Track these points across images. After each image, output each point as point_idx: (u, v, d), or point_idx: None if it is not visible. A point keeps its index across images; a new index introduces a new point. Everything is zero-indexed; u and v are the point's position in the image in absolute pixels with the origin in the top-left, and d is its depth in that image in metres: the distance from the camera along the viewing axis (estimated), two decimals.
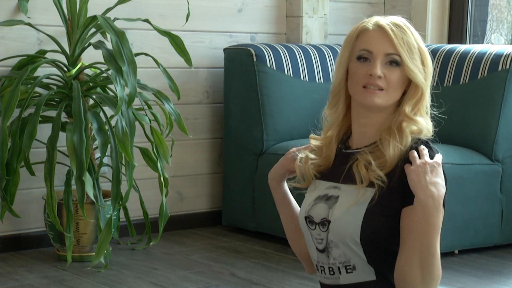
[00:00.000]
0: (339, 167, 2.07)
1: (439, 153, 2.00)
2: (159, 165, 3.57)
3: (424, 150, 1.96)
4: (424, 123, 2.02)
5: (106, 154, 3.51)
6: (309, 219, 2.08)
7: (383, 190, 1.97)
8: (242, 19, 4.38)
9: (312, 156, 2.12)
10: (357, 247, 1.99)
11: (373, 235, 1.97)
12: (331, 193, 2.05)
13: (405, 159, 1.97)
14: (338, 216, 2.00)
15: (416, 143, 1.99)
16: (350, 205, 1.99)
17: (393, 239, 1.99)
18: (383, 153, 1.98)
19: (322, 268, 2.07)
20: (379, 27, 2.00)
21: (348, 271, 2.03)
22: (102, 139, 3.35)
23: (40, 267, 3.52)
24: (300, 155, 2.15)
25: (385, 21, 2.01)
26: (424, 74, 2.01)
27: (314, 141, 2.15)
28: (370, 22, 2.03)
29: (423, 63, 2.01)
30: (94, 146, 3.62)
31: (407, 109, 2.01)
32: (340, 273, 2.04)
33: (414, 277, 1.93)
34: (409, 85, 2.02)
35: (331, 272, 2.05)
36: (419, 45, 2.01)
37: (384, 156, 1.98)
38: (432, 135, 2.05)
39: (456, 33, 4.67)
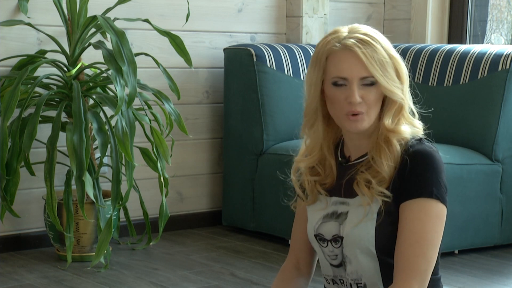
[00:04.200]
0: (342, 180, 2.06)
1: (434, 147, 1.99)
2: (159, 165, 3.57)
3: None
4: (408, 130, 1.99)
5: (106, 154, 3.51)
6: (319, 237, 2.07)
7: (388, 203, 1.97)
8: (242, 19, 4.38)
9: (315, 178, 2.08)
10: (372, 259, 1.99)
11: (387, 242, 1.96)
12: (340, 209, 2.04)
13: (402, 165, 1.96)
14: (350, 230, 2.00)
15: (408, 146, 1.97)
16: (360, 221, 1.98)
17: None
18: (379, 171, 1.97)
19: (342, 281, 2.07)
20: (347, 49, 1.93)
21: None
22: (102, 139, 3.35)
23: (40, 267, 3.52)
24: (301, 179, 2.10)
25: (351, 40, 1.93)
26: (400, 85, 1.97)
27: (302, 164, 2.09)
28: (336, 40, 1.95)
29: (397, 72, 1.96)
30: (94, 146, 3.62)
31: (387, 121, 1.97)
32: None
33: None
34: (386, 96, 1.98)
35: (347, 287, 2.06)
36: (390, 55, 1.95)
37: (381, 173, 1.97)
38: (424, 133, 2.04)
39: (456, 33, 4.67)
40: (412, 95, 2.03)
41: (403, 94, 1.98)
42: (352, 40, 1.93)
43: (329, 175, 2.08)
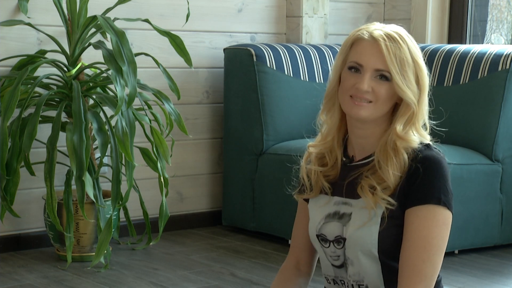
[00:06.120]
0: (344, 181, 2.06)
1: (442, 153, 1.99)
2: (159, 165, 3.57)
3: None
4: (417, 140, 1.98)
5: (106, 154, 3.51)
6: (321, 237, 2.06)
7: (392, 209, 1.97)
8: (242, 19, 4.38)
9: (320, 168, 2.08)
10: (375, 262, 1.98)
11: (390, 246, 1.96)
12: (342, 210, 2.03)
13: (410, 172, 1.95)
14: (353, 232, 1.99)
15: (417, 152, 1.97)
16: (364, 223, 1.98)
17: None
18: (384, 178, 1.97)
19: (343, 282, 2.07)
20: (373, 39, 1.95)
21: None
22: (102, 139, 3.35)
23: (40, 267, 3.52)
24: (307, 167, 2.11)
25: (380, 32, 1.96)
26: (416, 90, 1.97)
27: (314, 149, 2.11)
28: (367, 30, 1.98)
29: (417, 78, 1.97)
30: (94, 146, 3.62)
31: (398, 127, 1.97)
32: None
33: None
34: (401, 99, 1.98)
35: (349, 287, 2.06)
36: (414, 59, 1.96)
37: (386, 181, 1.96)
38: (432, 140, 2.03)
39: (456, 33, 4.67)
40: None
41: (418, 102, 1.97)
42: (380, 33, 1.96)
43: (334, 167, 2.08)
